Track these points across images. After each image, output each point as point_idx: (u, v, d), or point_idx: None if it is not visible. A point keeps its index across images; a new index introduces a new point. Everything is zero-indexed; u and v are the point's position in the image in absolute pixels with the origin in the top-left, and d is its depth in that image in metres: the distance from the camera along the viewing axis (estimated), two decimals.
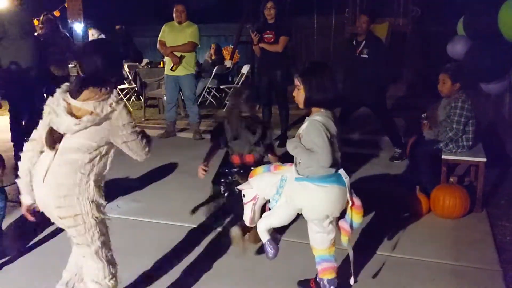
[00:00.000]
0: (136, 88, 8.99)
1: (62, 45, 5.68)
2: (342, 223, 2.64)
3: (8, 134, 6.46)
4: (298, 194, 2.56)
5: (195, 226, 3.77)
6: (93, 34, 8.92)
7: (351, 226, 2.62)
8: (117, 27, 9.28)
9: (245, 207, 2.79)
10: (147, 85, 8.57)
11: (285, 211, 2.64)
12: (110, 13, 9.43)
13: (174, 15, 6.33)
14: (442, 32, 8.12)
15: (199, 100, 9.01)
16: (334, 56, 10.52)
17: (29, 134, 5.63)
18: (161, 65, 10.29)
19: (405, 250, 3.35)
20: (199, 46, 6.60)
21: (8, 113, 5.79)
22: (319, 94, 2.50)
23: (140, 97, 8.78)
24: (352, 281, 2.72)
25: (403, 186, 4.34)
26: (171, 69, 6.33)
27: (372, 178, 4.89)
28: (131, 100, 9.66)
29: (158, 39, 6.46)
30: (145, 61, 10.13)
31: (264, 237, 2.67)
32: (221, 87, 9.25)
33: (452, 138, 4.04)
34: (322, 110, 2.54)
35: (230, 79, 10.02)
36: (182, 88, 6.53)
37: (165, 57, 6.60)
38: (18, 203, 3.26)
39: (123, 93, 9.07)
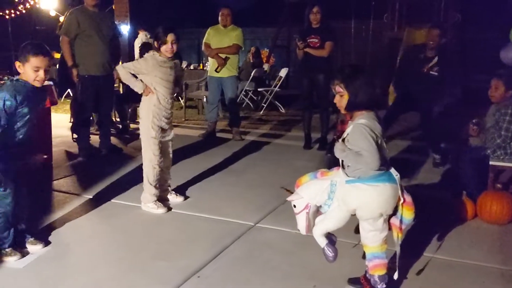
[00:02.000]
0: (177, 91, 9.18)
1: (116, 46, 5.92)
2: (393, 220, 2.68)
3: (60, 130, 6.75)
4: (351, 196, 2.59)
5: (240, 222, 3.87)
6: (146, 35, 9.18)
7: (401, 222, 2.66)
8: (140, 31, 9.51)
9: (297, 217, 2.79)
10: (187, 86, 8.76)
11: (339, 214, 2.67)
12: (154, 15, 9.71)
13: (219, 18, 6.50)
14: (483, 39, 8.07)
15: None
16: (371, 61, 10.54)
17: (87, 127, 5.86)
18: (201, 67, 10.54)
19: (451, 252, 3.38)
20: (243, 48, 6.74)
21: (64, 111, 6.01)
22: (364, 97, 2.54)
23: (180, 98, 8.99)
24: (396, 276, 2.75)
25: (449, 191, 4.36)
26: (215, 70, 6.49)
27: (416, 183, 4.91)
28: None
29: (203, 41, 6.63)
30: (184, 63, 10.36)
31: (322, 242, 2.72)
32: (258, 90, 9.38)
33: (500, 145, 4.04)
34: (364, 112, 2.57)
35: (267, 82, 10.14)
36: (224, 90, 6.67)
37: (209, 58, 6.75)
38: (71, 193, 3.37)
39: None
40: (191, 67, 10.32)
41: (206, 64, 9.44)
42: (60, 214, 3.97)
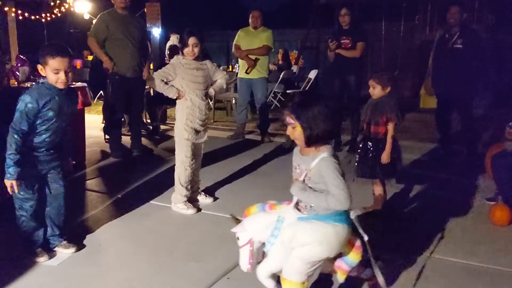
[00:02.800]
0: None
1: (145, 48, 6.02)
2: (339, 262, 2.45)
3: (94, 131, 6.90)
4: (306, 232, 2.29)
5: None
6: (177, 38, 9.29)
7: (348, 264, 2.44)
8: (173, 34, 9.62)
9: (240, 251, 2.49)
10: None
11: (284, 254, 2.36)
12: (185, 18, 9.83)
13: (250, 20, 6.54)
14: None
15: None
16: (401, 63, 10.39)
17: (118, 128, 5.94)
18: (230, 69, 10.59)
19: (485, 259, 3.30)
20: (273, 50, 6.75)
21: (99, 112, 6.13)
22: (319, 129, 2.25)
23: (210, 99, 9.03)
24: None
25: (483, 197, 4.27)
26: (245, 72, 6.52)
27: (450, 186, 4.83)
28: None
29: (234, 43, 6.67)
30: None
31: (269, 285, 2.47)
32: (287, 91, 9.37)
33: None
34: (327, 145, 2.32)
35: (295, 84, 10.12)
36: (254, 91, 6.69)
37: (239, 60, 6.78)
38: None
39: None
40: (221, 68, 10.37)
41: (235, 66, 9.50)
42: (93, 213, 4.06)
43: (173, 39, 9.40)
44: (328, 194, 2.25)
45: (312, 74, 9.36)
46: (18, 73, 5.28)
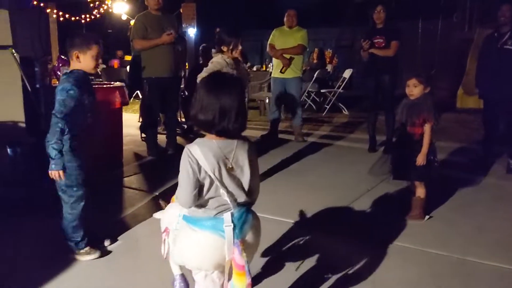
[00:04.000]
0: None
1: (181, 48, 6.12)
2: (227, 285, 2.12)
3: (131, 129, 7.06)
4: (178, 234, 2.15)
5: (301, 223, 3.87)
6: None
7: None
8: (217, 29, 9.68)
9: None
10: (250, 87, 8.87)
11: None
12: (220, 18, 9.92)
13: (285, 19, 6.54)
14: None
15: None
16: (439, 63, 10.18)
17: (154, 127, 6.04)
18: (264, 68, 10.62)
19: None
20: (308, 49, 6.74)
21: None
22: (198, 112, 1.97)
23: None
24: None
25: None
26: (280, 71, 6.52)
27: (489, 189, 4.72)
28: None
29: (268, 42, 6.69)
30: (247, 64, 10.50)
31: (175, 270, 2.34)
32: (321, 91, 9.32)
33: None
34: (212, 135, 2.00)
35: (330, 84, 10.06)
36: (288, 90, 6.68)
37: (273, 59, 6.80)
38: None
39: None
40: (254, 68, 10.41)
41: (269, 65, 9.52)
42: (130, 210, 4.16)
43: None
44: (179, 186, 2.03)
45: (347, 74, 9.28)
46: (59, 73, 5.46)
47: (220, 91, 1.95)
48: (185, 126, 7.36)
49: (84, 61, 3.06)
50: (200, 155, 1.95)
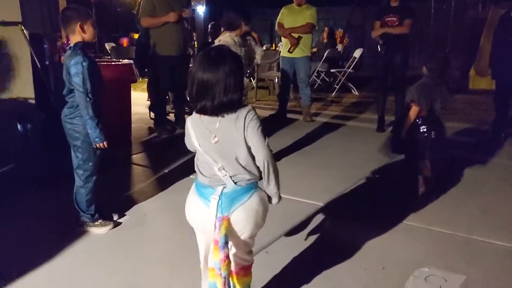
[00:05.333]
0: (248, 70, 9.27)
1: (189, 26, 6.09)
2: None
3: (139, 108, 7.09)
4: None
5: (309, 201, 3.88)
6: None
7: (213, 263, 2.06)
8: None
9: None
10: (258, 66, 8.81)
11: None
12: None
13: None
14: None
15: None
16: (451, 43, 10.04)
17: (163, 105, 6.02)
18: (273, 48, 10.55)
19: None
20: (317, 28, 6.66)
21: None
22: (189, 87, 1.97)
23: (252, 78, 9.07)
24: None
25: None
26: (288, 51, 6.47)
27: (499, 169, 4.71)
28: None
29: (277, 21, 6.61)
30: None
31: None
32: (331, 70, 9.25)
33: None
34: None
35: (340, 63, 9.97)
36: (297, 70, 6.64)
37: (282, 38, 6.74)
38: None
39: None
40: (264, 48, 10.33)
41: (279, 45, 9.43)
42: (139, 186, 4.20)
43: None
44: None
45: (357, 53, 9.18)
46: None
47: (205, 66, 1.91)
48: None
49: (88, 30, 3.08)
50: (189, 125, 2.03)
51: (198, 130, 2.00)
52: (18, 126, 4.73)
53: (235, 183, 2.01)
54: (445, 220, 3.53)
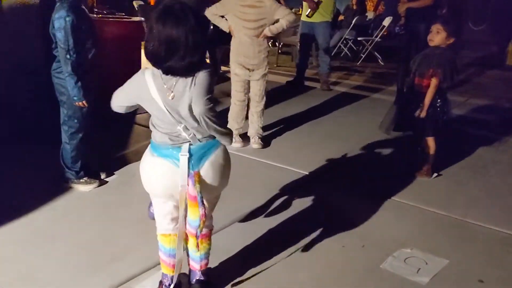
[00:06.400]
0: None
1: None
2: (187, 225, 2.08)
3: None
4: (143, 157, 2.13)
5: (307, 173, 3.77)
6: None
7: (190, 224, 2.03)
8: None
9: None
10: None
11: None
12: None
13: None
14: None
15: (334, 51, 8.80)
16: (491, 16, 9.46)
17: None
18: (300, 12, 10.21)
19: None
20: None
21: None
22: (150, 43, 1.87)
23: (276, 44, 8.85)
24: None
25: None
26: (307, 15, 6.22)
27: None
28: None
29: None
30: None
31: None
32: (358, 39, 8.90)
33: None
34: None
35: (369, 32, 9.57)
36: (316, 36, 6.40)
37: (303, 2, 6.48)
38: None
39: None
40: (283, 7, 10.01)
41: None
42: (135, 146, 4.19)
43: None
44: None
45: (386, 22, 8.77)
46: None
47: (168, 24, 1.82)
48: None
49: None
50: (150, 77, 1.92)
51: (156, 84, 1.91)
52: (25, 80, 4.75)
53: (199, 140, 1.98)
54: (442, 200, 3.36)
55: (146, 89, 1.92)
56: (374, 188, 3.54)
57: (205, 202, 1.99)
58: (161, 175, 1.99)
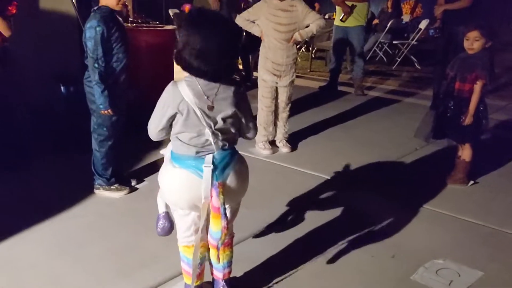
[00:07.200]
0: (307, 39, 8.97)
1: None
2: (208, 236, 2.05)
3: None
4: (162, 168, 2.11)
5: (336, 180, 3.70)
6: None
7: (211, 236, 1.99)
8: None
9: None
10: (316, 36, 8.48)
11: None
12: None
13: None
14: None
15: (369, 55, 8.68)
16: None
17: None
18: (333, 16, 10.11)
19: None
20: None
21: None
22: (185, 54, 1.86)
23: (310, 48, 8.79)
24: None
25: None
26: (341, 20, 6.15)
27: None
28: (301, 51, 9.73)
29: None
30: None
31: (160, 208, 2.25)
32: (394, 42, 8.74)
33: None
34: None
35: (405, 35, 9.38)
36: (350, 40, 6.31)
37: (336, 7, 6.40)
38: None
39: None
40: (326, 16, 9.94)
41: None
42: None
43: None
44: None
45: (423, 24, 8.57)
46: None
47: (202, 30, 1.83)
48: (243, 73, 7.27)
49: None
50: (185, 88, 1.89)
51: (195, 95, 1.89)
52: (61, 88, 4.89)
53: (222, 148, 1.97)
54: (477, 209, 3.23)
55: (180, 99, 1.90)
56: (406, 196, 3.44)
57: (228, 213, 1.97)
58: (186, 187, 1.97)
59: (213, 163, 1.94)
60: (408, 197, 3.42)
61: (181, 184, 1.97)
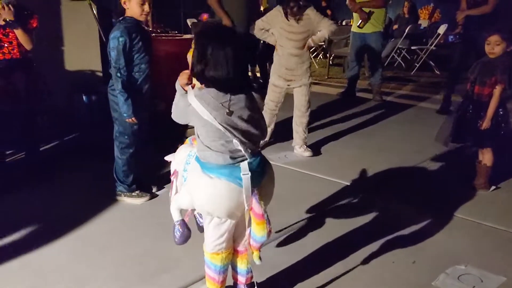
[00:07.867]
0: (324, 46, 9.00)
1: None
2: (250, 238, 2.06)
3: None
4: (190, 176, 2.09)
5: (356, 186, 3.70)
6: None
7: (253, 239, 2.02)
8: None
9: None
10: (333, 43, 8.50)
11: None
12: None
13: None
14: None
15: (387, 61, 8.65)
16: None
17: None
18: (351, 23, 10.10)
19: None
20: (391, 1, 6.26)
21: None
22: (196, 63, 1.88)
23: (327, 55, 8.79)
24: None
25: None
26: (358, 26, 6.16)
27: None
28: (318, 58, 9.76)
29: None
30: None
31: (175, 216, 2.21)
32: (412, 48, 8.70)
33: None
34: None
35: (424, 40, 9.33)
36: (367, 46, 6.30)
37: (353, 13, 6.41)
38: None
39: (311, 50, 9.18)
40: (343, 23, 9.95)
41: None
42: None
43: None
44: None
45: (442, 29, 8.52)
46: None
47: (214, 42, 1.87)
48: (261, 81, 7.31)
49: (130, 6, 3.05)
50: (196, 102, 1.89)
51: (209, 104, 1.89)
52: (84, 97, 4.99)
53: (251, 154, 1.97)
54: (500, 214, 3.20)
55: (195, 114, 1.90)
56: (427, 202, 3.42)
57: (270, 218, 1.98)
58: (226, 196, 1.95)
59: (250, 169, 1.94)
60: (428, 203, 3.40)
61: (221, 194, 1.95)
